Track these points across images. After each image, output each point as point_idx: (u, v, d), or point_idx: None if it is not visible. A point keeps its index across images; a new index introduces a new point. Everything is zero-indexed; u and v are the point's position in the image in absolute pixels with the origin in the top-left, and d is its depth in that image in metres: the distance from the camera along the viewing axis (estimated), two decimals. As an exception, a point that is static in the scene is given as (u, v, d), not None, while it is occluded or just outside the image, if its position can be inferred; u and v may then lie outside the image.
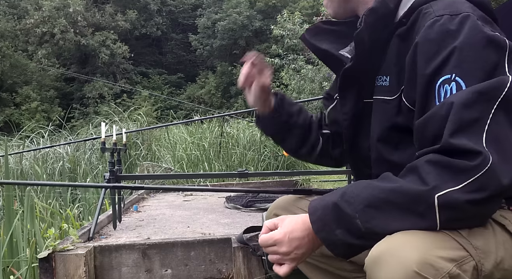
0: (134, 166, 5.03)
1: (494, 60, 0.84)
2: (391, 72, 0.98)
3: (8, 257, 2.18)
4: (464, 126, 0.79)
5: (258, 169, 5.00)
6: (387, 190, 0.82)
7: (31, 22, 22.83)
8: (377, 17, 0.98)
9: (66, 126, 7.48)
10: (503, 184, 0.77)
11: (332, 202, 0.86)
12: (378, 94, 1.01)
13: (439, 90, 0.85)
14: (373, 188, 0.83)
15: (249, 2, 24.54)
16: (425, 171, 0.80)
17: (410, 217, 0.80)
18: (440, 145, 0.80)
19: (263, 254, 1.67)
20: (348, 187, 0.88)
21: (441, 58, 0.85)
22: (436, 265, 0.76)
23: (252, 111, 6.76)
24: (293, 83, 12.60)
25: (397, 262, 0.77)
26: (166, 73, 26.74)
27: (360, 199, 0.83)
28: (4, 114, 19.22)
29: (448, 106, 0.81)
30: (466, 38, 0.85)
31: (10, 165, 4.38)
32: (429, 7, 0.92)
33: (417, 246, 0.78)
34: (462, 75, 0.83)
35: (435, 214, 0.78)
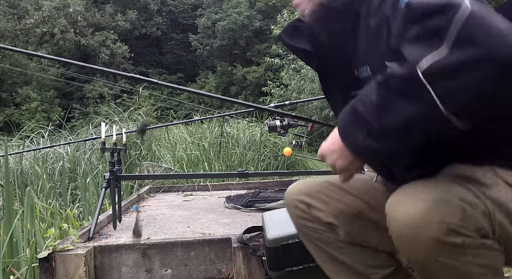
0: (134, 166, 5.03)
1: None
2: (368, 60, 0.96)
3: (8, 257, 2.18)
4: None
5: (258, 169, 5.00)
6: (380, 86, 0.83)
7: (31, 22, 22.83)
8: (328, 9, 0.98)
9: (66, 126, 7.47)
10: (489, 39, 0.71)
11: (350, 107, 0.89)
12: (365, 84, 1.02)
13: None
14: (376, 84, 0.84)
15: (249, 2, 24.53)
16: (405, 52, 0.78)
17: (412, 104, 0.79)
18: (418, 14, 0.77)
19: (263, 254, 1.67)
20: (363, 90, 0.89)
21: None
22: (451, 201, 0.84)
23: (252, 111, 6.76)
24: (293, 83, 12.61)
25: (416, 199, 0.85)
26: (166, 73, 26.73)
27: (369, 98, 0.85)
28: (4, 114, 19.21)
29: None
30: None
31: (10, 165, 4.38)
32: None
33: (433, 187, 0.87)
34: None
35: (429, 92, 0.75)
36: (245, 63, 23.34)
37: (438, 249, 0.83)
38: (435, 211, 0.83)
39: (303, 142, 5.61)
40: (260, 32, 23.81)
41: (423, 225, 0.83)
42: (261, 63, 20.92)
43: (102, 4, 26.31)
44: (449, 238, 0.83)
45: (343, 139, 0.92)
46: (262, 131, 5.51)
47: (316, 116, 12.09)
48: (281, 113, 2.36)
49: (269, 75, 19.35)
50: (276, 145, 5.57)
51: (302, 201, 1.18)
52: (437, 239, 0.83)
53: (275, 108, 2.54)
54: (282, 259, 1.47)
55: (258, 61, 22.06)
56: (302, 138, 5.64)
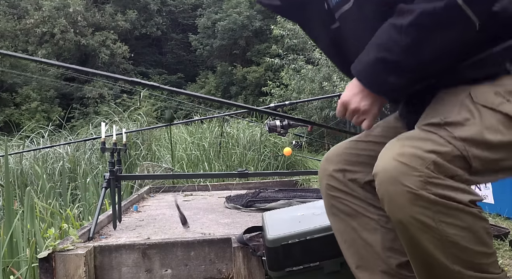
0: (134, 166, 5.03)
1: None
2: None
3: (8, 257, 2.18)
4: None
5: (258, 169, 5.00)
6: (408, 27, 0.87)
7: (31, 22, 22.82)
8: None
9: (66, 126, 7.47)
10: None
11: (373, 59, 0.94)
12: (338, 11, 1.03)
13: None
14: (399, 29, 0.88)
15: (249, 2, 24.52)
16: None
17: (452, 33, 0.86)
18: None
19: (263, 255, 1.67)
20: (379, 38, 0.93)
21: None
22: (418, 154, 0.87)
23: (252, 111, 6.76)
24: (293, 83, 12.60)
25: (392, 154, 0.90)
26: (166, 73, 26.74)
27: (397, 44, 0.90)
28: (4, 114, 19.22)
29: None
30: None
31: (10, 165, 4.37)
32: None
33: (403, 142, 0.91)
34: None
35: (469, 17, 0.83)
36: (245, 63, 23.34)
37: (412, 203, 0.86)
38: (409, 165, 0.87)
39: (303, 142, 5.61)
40: (260, 32, 23.81)
41: (397, 179, 0.87)
42: (261, 63, 20.92)
43: (102, 4, 26.31)
44: (422, 192, 0.85)
45: (371, 86, 0.97)
46: (262, 131, 5.51)
47: (316, 116, 12.09)
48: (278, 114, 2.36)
49: (269, 75, 19.35)
50: (276, 145, 5.57)
51: (337, 170, 1.18)
52: (411, 193, 0.86)
53: (275, 108, 2.54)
54: (282, 259, 1.47)
55: (258, 61, 22.06)
56: (302, 138, 5.64)
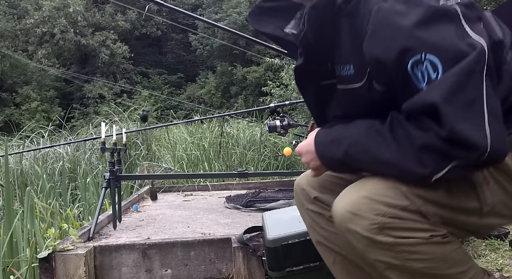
0: (134, 166, 5.03)
1: (453, 28, 0.83)
2: (352, 59, 0.97)
3: (8, 257, 2.18)
4: (464, 112, 0.80)
5: (258, 169, 4.99)
6: (391, 157, 0.87)
7: (31, 22, 22.81)
8: (319, 12, 0.97)
9: (66, 126, 7.48)
10: (501, 159, 0.84)
11: (343, 151, 0.95)
12: (344, 83, 1.01)
13: (414, 72, 0.84)
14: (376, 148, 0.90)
15: (249, 2, 24.51)
16: (427, 153, 0.83)
17: None
18: (445, 131, 0.80)
19: (263, 255, 1.67)
20: (351, 141, 0.94)
21: (401, 40, 0.84)
22: (375, 206, 0.89)
23: (252, 111, 6.76)
24: (293, 83, 12.59)
25: (341, 203, 0.93)
26: (166, 73, 26.72)
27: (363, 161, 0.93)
28: (4, 114, 19.21)
29: (439, 92, 0.80)
30: (418, 16, 0.84)
31: (10, 165, 4.37)
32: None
33: (360, 190, 0.93)
34: (432, 51, 0.82)
35: (430, 182, 0.86)
36: (245, 63, 23.33)
37: (371, 248, 0.89)
38: (362, 215, 0.89)
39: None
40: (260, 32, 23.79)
41: (351, 227, 0.90)
42: (261, 63, 20.91)
43: (102, 4, 26.30)
44: (379, 237, 0.87)
45: (324, 163, 1.02)
46: (262, 131, 5.51)
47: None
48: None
49: (269, 75, 19.33)
50: (276, 145, 5.57)
51: (302, 189, 1.26)
52: (367, 239, 0.88)
53: (275, 108, 2.54)
54: (282, 259, 1.47)
55: (258, 61, 22.05)
56: (302, 138, 5.63)
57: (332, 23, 0.97)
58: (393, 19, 0.85)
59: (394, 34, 0.85)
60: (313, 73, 1.07)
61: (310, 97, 1.14)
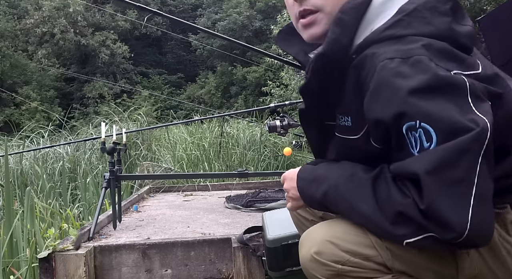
0: (134, 166, 5.03)
1: (456, 101, 0.79)
2: (351, 112, 0.94)
3: (8, 257, 2.18)
4: (448, 190, 0.76)
5: (258, 169, 4.99)
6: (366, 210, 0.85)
7: (31, 22, 22.81)
8: (327, 61, 0.93)
9: (66, 126, 7.47)
10: (480, 245, 0.81)
11: (317, 200, 0.96)
12: (341, 133, 0.99)
13: (408, 137, 0.81)
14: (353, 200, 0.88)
15: (249, 2, 24.53)
16: (403, 218, 0.80)
17: None
18: (424, 204, 0.77)
19: (263, 255, 1.67)
20: (331, 184, 0.93)
21: (397, 104, 0.81)
22: (334, 253, 0.89)
23: (252, 111, 6.76)
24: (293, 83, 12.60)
25: (306, 245, 0.93)
26: (166, 73, 26.73)
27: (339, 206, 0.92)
28: (4, 114, 19.21)
29: (425, 164, 0.77)
30: (420, 83, 0.80)
31: (10, 165, 4.37)
32: (379, 47, 0.87)
33: (328, 232, 0.92)
34: (427, 120, 0.78)
35: (402, 244, 0.82)
36: (245, 63, 23.33)
37: None
38: (328, 257, 0.89)
39: (303, 142, 5.60)
40: (260, 32, 23.81)
41: (314, 269, 0.90)
42: (261, 63, 20.92)
43: (102, 4, 26.30)
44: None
45: (300, 193, 1.02)
46: (262, 131, 5.51)
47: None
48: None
49: (269, 75, 19.33)
50: (276, 145, 5.57)
51: None
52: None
53: (275, 108, 2.54)
54: (282, 259, 1.47)
55: (258, 61, 22.06)
56: (302, 138, 5.63)
57: (339, 72, 0.94)
58: (394, 80, 0.82)
59: (392, 96, 0.82)
60: (316, 116, 1.06)
61: (313, 136, 1.11)
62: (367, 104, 0.87)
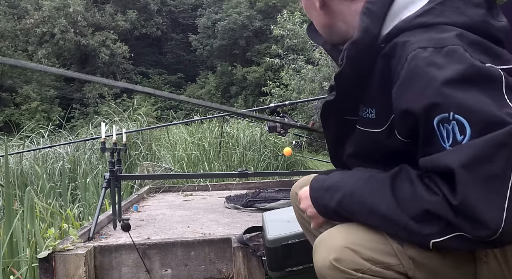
0: (134, 166, 5.03)
1: (493, 94, 0.76)
2: (377, 103, 0.92)
3: (8, 257, 2.18)
4: (483, 186, 0.72)
5: (258, 169, 4.99)
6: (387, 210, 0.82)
7: (31, 22, 22.80)
8: (360, 49, 0.91)
9: (66, 126, 7.47)
10: (507, 242, 0.76)
11: (332, 209, 0.92)
12: (364, 125, 0.97)
13: (439, 130, 0.78)
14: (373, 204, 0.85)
15: (249, 2, 24.52)
16: (430, 216, 0.77)
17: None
18: (458, 200, 0.74)
19: (263, 255, 1.67)
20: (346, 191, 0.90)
21: (431, 94, 0.78)
22: (354, 260, 0.84)
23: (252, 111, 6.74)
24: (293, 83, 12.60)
25: (323, 250, 0.88)
26: (166, 73, 26.73)
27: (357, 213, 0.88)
28: (4, 114, 19.21)
29: (461, 158, 0.74)
30: (455, 73, 0.77)
31: (10, 165, 4.37)
32: (410, 35, 0.85)
33: (347, 238, 0.87)
34: (461, 112, 0.76)
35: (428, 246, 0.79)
36: (245, 63, 23.32)
37: None
38: (348, 264, 0.85)
39: (303, 142, 5.61)
40: (260, 32, 23.79)
41: (333, 276, 0.86)
42: (261, 63, 20.91)
43: (102, 4, 26.30)
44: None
45: (314, 204, 0.98)
46: (262, 131, 5.51)
47: (316, 116, 12.09)
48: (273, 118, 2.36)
49: (269, 75, 19.33)
50: (276, 145, 5.57)
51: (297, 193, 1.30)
52: None
53: (275, 108, 2.53)
54: (282, 259, 1.47)
55: (258, 61, 22.04)
56: (302, 138, 5.64)
57: (369, 62, 0.92)
58: (427, 70, 0.80)
59: (425, 87, 0.79)
60: (338, 107, 1.03)
61: (331, 130, 1.09)
62: (396, 94, 0.84)
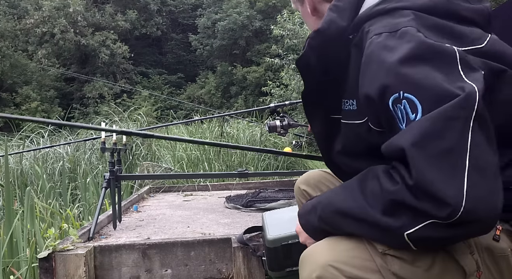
0: (134, 166, 5.03)
1: (444, 68, 0.75)
2: (356, 94, 0.91)
3: (8, 257, 2.18)
4: (437, 162, 0.70)
5: (258, 169, 5.00)
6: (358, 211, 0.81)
7: (31, 22, 22.81)
8: (325, 39, 0.91)
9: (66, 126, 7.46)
10: (480, 220, 0.70)
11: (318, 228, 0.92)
12: (347, 118, 0.97)
13: (395, 111, 0.77)
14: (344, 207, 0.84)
15: (249, 2, 24.52)
16: (397, 206, 0.75)
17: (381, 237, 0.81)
18: (413, 180, 0.71)
19: (263, 255, 1.67)
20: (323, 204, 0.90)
21: (382, 76, 0.78)
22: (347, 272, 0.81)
23: (252, 111, 6.76)
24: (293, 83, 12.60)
25: (308, 266, 0.86)
26: (166, 73, 26.74)
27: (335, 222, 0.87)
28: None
29: (410, 137, 0.72)
30: (405, 52, 0.77)
31: (10, 165, 4.37)
32: (370, 24, 0.87)
33: (330, 255, 0.84)
34: (411, 90, 0.74)
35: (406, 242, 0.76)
36: (245, 63, 23.32)
37: None
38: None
39: (303, 142, 5.61)
40: (260, 32, 23.80)
41: None
42: (261, 63, 20.91)
43: (102, 4, 26.31)
44: None
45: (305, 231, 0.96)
46: (262, 131, 5.51)
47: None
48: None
49: (269, 75, 19.33)
50: (276, 145, 5.57)
51: (303, 189, 1.36)
52: None
53: (275, 108, 2.54)
54: (282, 259, 1.47)
55: (258, 61, 22.05)
56: (302, 138, 5.64)
57: (342, 54, 0.92)
58: (379, 53, 0.80)
59: (377, 70, 0.79)
60: (321, 105, 1.02)
61: (318, 129, 1.09)
62: (359, 82, 0.84)
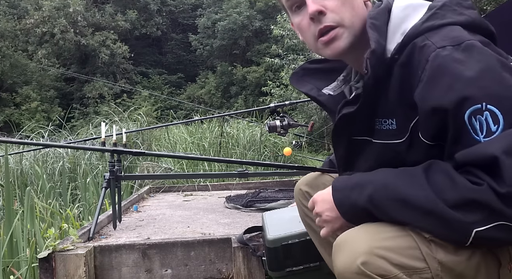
0: (134, 166, 5.03)
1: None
2: (397, 113, 0.92)
3: (8, 257, 2.18)
4: None
5: (258, 169, 4.99)
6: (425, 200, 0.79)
7: (31, 22, 22.82)
8: (377, 58, 0.91)
9: (66, 126, 7.47)
10: None
11: (361, 207, 0.87)
12: (384, 138, 0.96)
13: (471, 122, 0.78)
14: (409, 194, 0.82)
15: (249, 2, 24.53)
16: (474, 205, 0.76)
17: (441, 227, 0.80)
18: (505, 188, 0.73)
19: (263, 255, 1.67)
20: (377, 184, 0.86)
21: (461, 88, 0.79)
22: (383, 266, 0.79)
23: (252, 111, 6.76)
24: (293, 83, 12.60)
25: (349, 252, 0.82)
26: (166, 73, 26.75)
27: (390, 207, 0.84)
28: (4, 114, 19.21)
29: (502, 145, 0.74)
30: (479, 64, 0.80)
31: (10, 165, 4.37)
32: (424, 39, 0.87)
33: (375, 241, 0.82)
34: (493, 102, 0.77)
35: (469, 238, 0.77)
36: (245, 63, 23.33)
37: None
38: (375, 269, 0.80)
39: (303, 142, 5.61)
40: (260, 32, 23.81)
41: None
42: (261, 63, 20.92)
43: (102, 4, 26.31)
44: None
45: (338, 206, 0.92)
46: (262, 131, 5.51)
47: (316, 116, 12.10)
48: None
49: (269, 75, 19.35)
50: (276, 145, 5.57)
51: (303, 190, 1.32)
52: None
53: (275, 108, 2.54)
54: (282, 259, 1.47)
55: (258, 61, 22.06)
56: (302, 138, 5.64)
57: (381, 74, 0.92)
58: (453, 66, 0.81)
59: (453, 82, 0.80)
60: (353, 125, 1.01)
61: (341, 149, 1.08)
62: (421, 95, 0.85)
